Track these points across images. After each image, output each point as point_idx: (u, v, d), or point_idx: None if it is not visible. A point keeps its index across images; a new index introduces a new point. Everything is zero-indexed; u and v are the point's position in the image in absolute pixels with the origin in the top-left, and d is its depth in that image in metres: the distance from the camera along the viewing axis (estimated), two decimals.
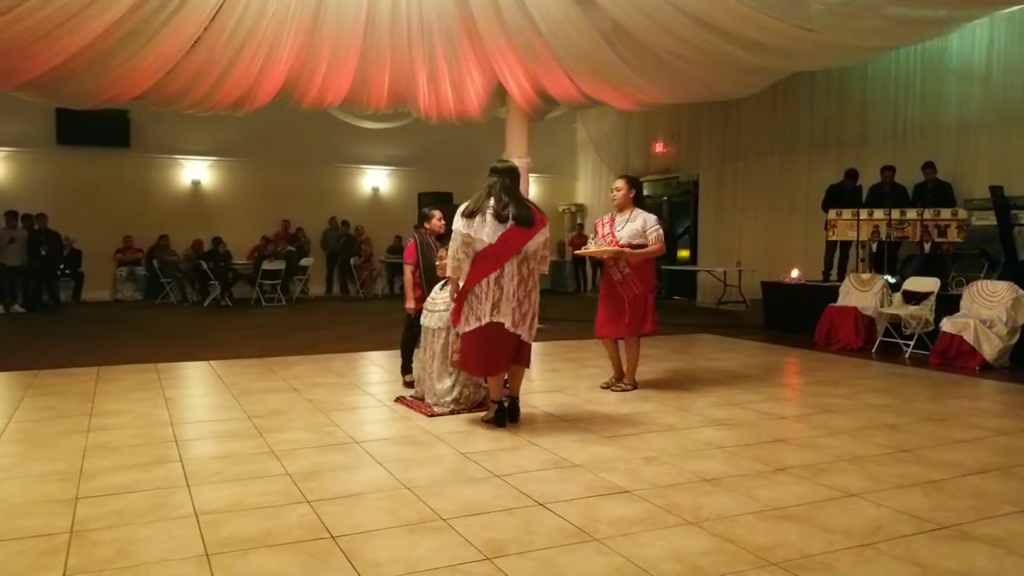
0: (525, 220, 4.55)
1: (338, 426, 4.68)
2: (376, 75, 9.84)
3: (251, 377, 6.31)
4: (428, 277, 5.59)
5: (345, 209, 15.25)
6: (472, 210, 4.48)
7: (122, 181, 13.59)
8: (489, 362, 4.59)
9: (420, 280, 5.65)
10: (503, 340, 4.54)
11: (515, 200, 4.57)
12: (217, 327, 9.80)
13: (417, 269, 5.64)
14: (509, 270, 4.52)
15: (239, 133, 13.88)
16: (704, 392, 5.81)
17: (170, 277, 13.27)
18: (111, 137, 13.34)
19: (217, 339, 8.64)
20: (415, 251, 5.68)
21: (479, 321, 4.50)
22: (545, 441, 4.35)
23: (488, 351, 4.54)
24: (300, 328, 9.74)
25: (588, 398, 5.54)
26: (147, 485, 3.55)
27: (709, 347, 8.38)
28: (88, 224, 13.05)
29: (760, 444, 4.33)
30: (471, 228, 4.46)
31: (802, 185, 11.58)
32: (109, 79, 8.44)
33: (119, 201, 13.52)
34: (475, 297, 4.51)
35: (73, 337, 8.79)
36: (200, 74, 8.81)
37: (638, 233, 5.53)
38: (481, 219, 4.47)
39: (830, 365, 7.24)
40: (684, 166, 14.14)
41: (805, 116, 11.57)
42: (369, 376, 6.58)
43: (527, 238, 4.54)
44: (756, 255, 12.36)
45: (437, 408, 4.97)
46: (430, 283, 5.56)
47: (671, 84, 9.09)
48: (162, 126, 13.45)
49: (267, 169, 14.51)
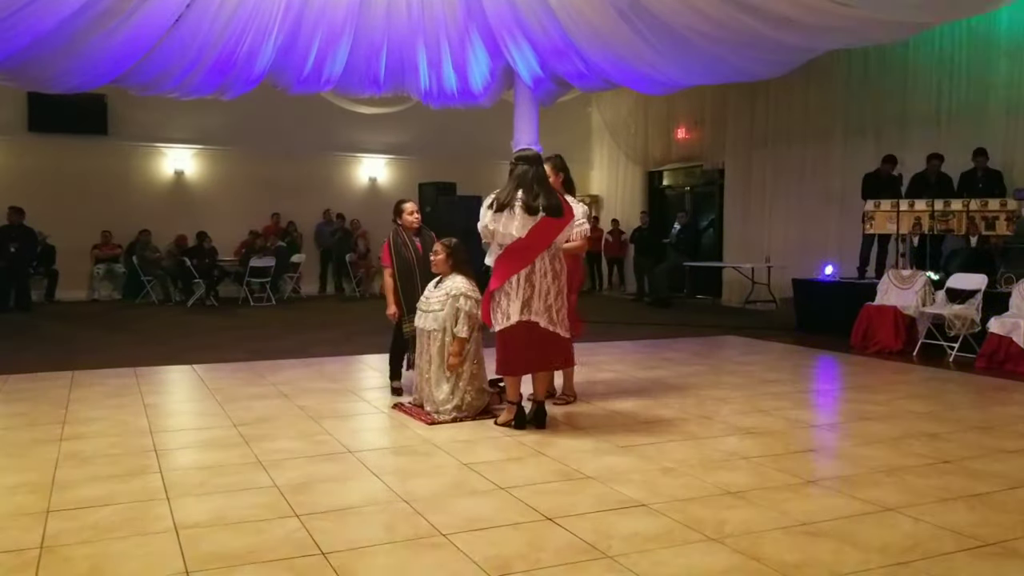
0: (556, 210, 4.63)
1: (331, 435, 4.69)
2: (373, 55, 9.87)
3: (237, 382, 6.32)
4: (405, 278, 5.57)
5: (340, 201, 15.29)
6: (502, 203, 4.53)
7: (99, 171, 13.65)
8: (522, 362, 4.69)
9: (394, 284, 5.60)
10: (535, 340, 4.63)
11: (545, 190, 4.65)
12: (201, 328, 9.84)
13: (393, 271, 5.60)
14: (540, 266, 4.59)
15: (225, 119, 13.92)
16: (729, 398, 5.79)
17: (151, 275, 13.34)
18: (87, 124, 13.40)
19: (201, 341, 8.67)
20: (388, 252, 5.66)
21: (507, 320, 4.60)
22: (554, 451, 4.36)
23: (518, 351, 4.63)
24: (291, 330, 9.77)
25: (601, 404, 5.54)
26: (124, 497, 3.57)
27: (735, 350, 8.36)
28: (62, 218, 13.12)
29: (789, 454, 4.32)
30: (499, 223, 4.53)
31: (837, 173, 11.53)
32: (84, 61, 8.50)
33: (96, 193, 13.59)
34: (504, 295, 4.58)
35: (46, 339, 8.85)
36: (182, 55, 8.85)
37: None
38: (510, 213, 4.54)
39: (867, 369, 7.20)
40: (708, 154, 14.10)
41: (840, 99, 11.53)
42: (365, 381, 6.59)
43: (558, 230, 4.64)
44: (787, 250, 12.32)
45: (437, 416, 4.98)
46: (407, 285, 5.54)
47: (694, 65, 9.08)
48: (142, 112, 13.51)
49: (256, 158, 14.56)
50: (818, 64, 11.03)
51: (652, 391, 6.05)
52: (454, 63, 10.17)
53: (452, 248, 5.11)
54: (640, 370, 7.01)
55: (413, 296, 5.54)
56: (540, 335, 4.63)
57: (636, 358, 7.73)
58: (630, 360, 7.56)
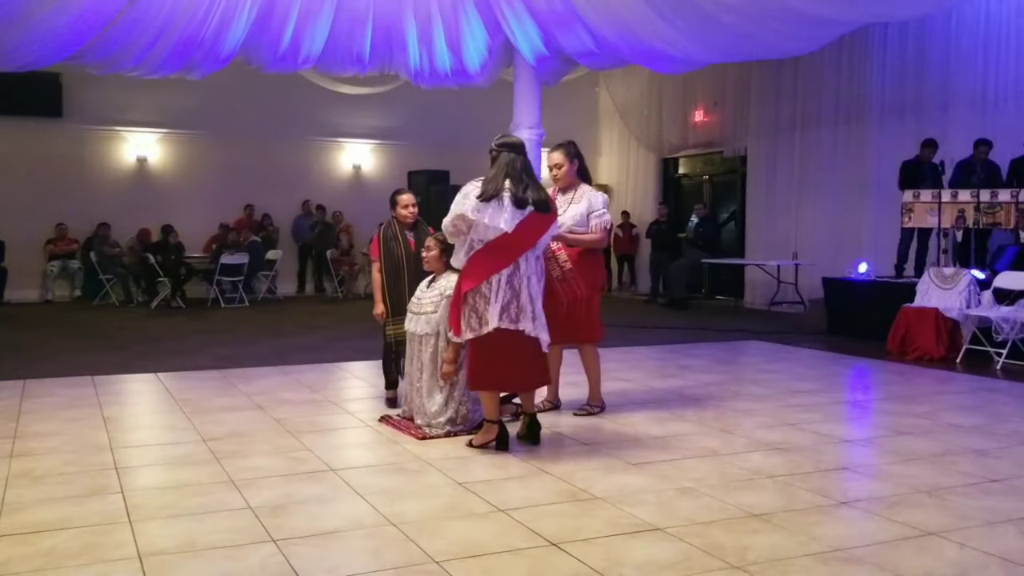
0: (545, 206, 4.63)
1: (311, 451, 4.69)
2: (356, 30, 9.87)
3: (207, 392, 6.32)
4: (391, 276, 5.57)
5: (320, 192, 15.28)
6: (490, 193, 4.47)
7: (53, 158, 13.64)
8: (497, 376, 4.60)
9: (382, 281, 5.62)
10: (518, 350, 4.56)
11: (534, 183, 4.64)
12: (167, 333, 9.84)
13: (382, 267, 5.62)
14: (525, 267, 4.56)
15: (193, 101, 13.92)
16: (753, 410, 5.79)
17: (111, 273, 13.33)
18: (40, 105, 13.37)
19: (167, 347, 8.67)
20: (377, 246, 5.68)
21: (483, 327, 4.49)
22: (559, 468, 4.35)
23: (494, 362, 4.54)
24: (266, 334, 9.77)
25: (611, 417, 5.54)
26: (81, 521, 3.57)
27: (759, 356, 8.36)
28: (12, 210, 13.11)
29: (820, 473, 4.32)
30: (484, 214, 4.45)
31: (872, 160, 11.54)
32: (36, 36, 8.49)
33: (50, 182, 13.58)
34: (480, 298, 4.50)
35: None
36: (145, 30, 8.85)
37: (583, 218, 5.32)
38: (498, 204, 4.48)
39: (905, 378, 7.21)
40: (729, 138, 14.11)
41: (876, 77, 11.52)
42: (348, 391, 6.58)
43: (545, 227, 4.62)
44: (816, 246, 12.32)
45: (429, 430, 4.98)
46: (394, 284, 5.54)
47: (715, 40, 9.07)
48: (101, 92, 13.50)
49: (227, 144, 14.55)
50: (852, 39, 11.04)
51: (668, 402, 6.05)
52: (447, 39, 10.17)
53: (447, 244, 5.10)
54: (654, 379, 7.00)
55: (400, 296, 5.54)
56: (522, 344, 4.55)
57: (650, 366, 7.72)
58: (643, 368, 7.56)
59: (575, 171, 5.46)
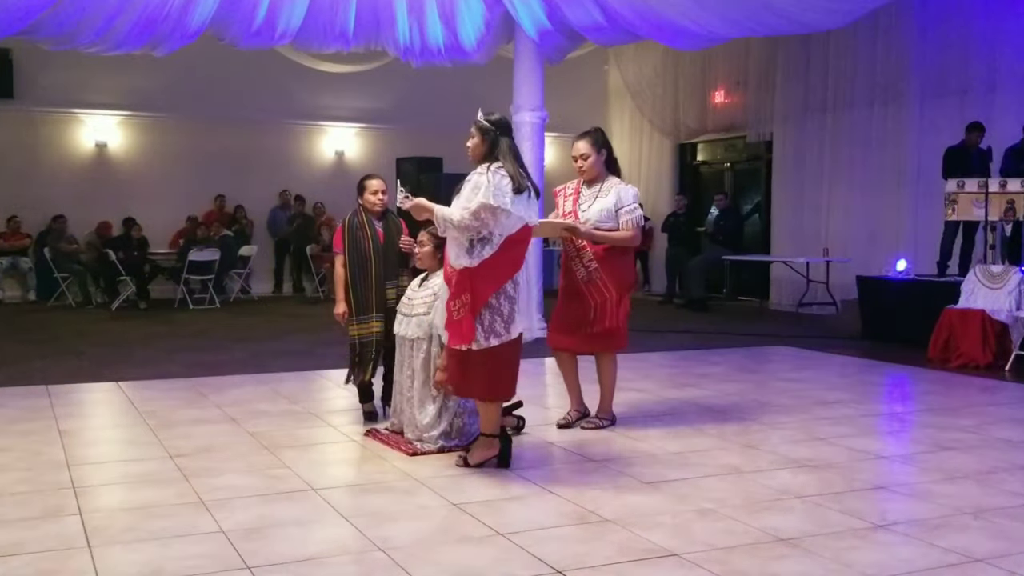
0: (538, 193, 4.73)
1: (289, 468, 4.69)
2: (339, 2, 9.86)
3: (174, 403, 6.33)
4: (356, 270, 5.56)
5: (300, 181, 15.29)
6: (521, 184, 4.50)
7: (2, 144, 13.65)
8: (514, 382, 4.71)
9: (345, 276, 5.61)
10: (520, 353, 4.71)
11: (526, 170, 4.72)
12: (129, 337, 9.84)
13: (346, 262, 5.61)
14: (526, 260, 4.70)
15: (158, 81, 13.92)
16: (779, 423, 5.80)
17: (67, 271, 13.33)
18: None
19: (129, 353, 8.68)
20: (341, 237, 5.66)
21: (508, 333, 4.53)
22: (565, 488, 4.36)
23: (512, 370, 4.66)
24: (239, 339, 9.78)
25: (622, 431, 5.54)
26: (35, 546, 3.57)
27: (786, 363, 8.37)
28: None
29: (853, 492, 4.32)
30: (520, 207, 4.48)
31: (911, 146, 11.54)
32: None
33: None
34: (506, 299, 4.54)
35: None
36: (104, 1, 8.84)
37: (609, 214, 5.32)
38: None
39: (948, 387, 7.21)
40: (753, 122, 14.11)
41: (916, 53, 11.52)
42: (331, 402, 6.59)
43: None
44: (850, 241, 12.33)
45: (420, 445, 4.98)
46: (359, 279, 5.53)
47: (738, 13, 9.07)
48: (56, 71, 13.50)
49: (196, 128, 14.56)
50: (888, 12, 11.03)
51: (685, 414, 6.06)
52: (440, 11, 10.16)
53: (441, 239, 5.10)
54: (670, 388, 7.02)
55: (366, 292, 5.54)
56: (519, 347, 4.69)
57: (665, 374, 7.72)
58: (657, 376, 7.57)
59: (602, 162, 5.46)
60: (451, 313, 4.52)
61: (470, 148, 4.65)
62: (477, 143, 4.63)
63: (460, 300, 4.47)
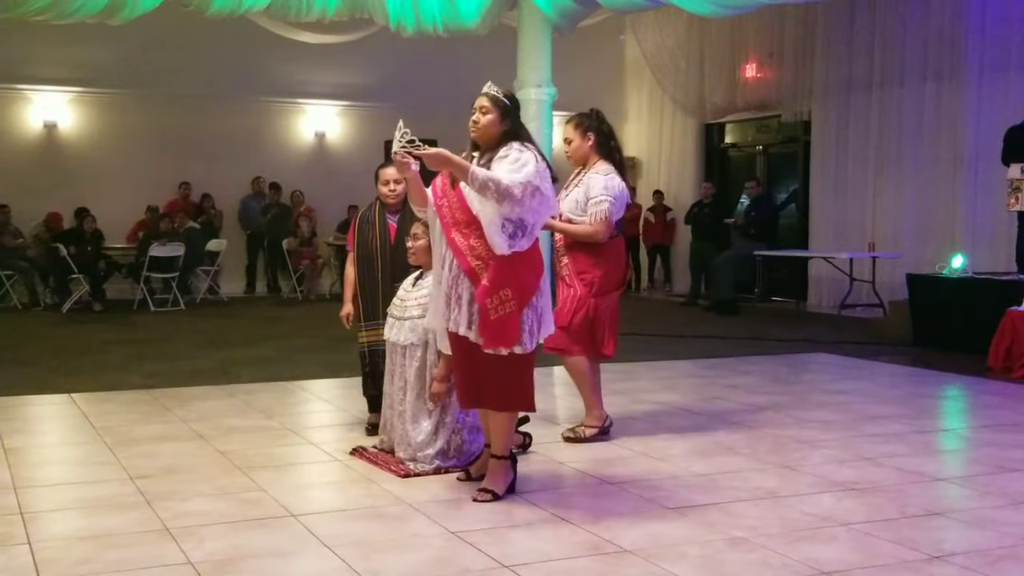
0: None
1: (265, 491, 4.69)
2: None
3: (134, 418, 6.32)
4: (364, 270, 5.59)
5: (275, 166, 15.30)
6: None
7: None
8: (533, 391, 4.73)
9: (355, 277, 5.66)
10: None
11: None
12: (83, 343, 9.84)
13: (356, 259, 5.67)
14: None
15: (115, 53, 13.92)
16: (820, 441, 5.79)
17: (12, 268, 13.32)
18: None
19: (83, 361, 8.67)
20: (352, 232, 5.73)
21: (541, 332, 4.60)
22: (578, 514, 4.35)
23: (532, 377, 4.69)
24: (207, 345, 9.78)
25: (642, 448, 5.54)
26: None
27: (827, 373, 8.36)
28: None
29: (906, 519, 4.31)
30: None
31: (968, 126, 11.53)
32: None
33: None
34: (543, 297, 4.58)
35: None
36: None
37: (578, 205, 5.49)
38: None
39: (1011, 400, 7.19)
40: (789, 99, 14.09)
41: (973, 21, 11.51)
42: (312, 417, 6.59)
43: None
44: (899, 234, 12.32)
45: (414, 465, 4.98)
46: (365, 280, 5.56)
47: None
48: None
49: (157, 107, 14.56)
50: None
51: (713, 429, 6.05)
52: None
53: None
54: (696, 401, 7.00)
55: (372, 296, 5.55)
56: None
57: (690, 384, 7.71)
58: (682, 387, 7.56)
59: (590, 148, 5.55)
60: (486, 312, 4.36)
61: (481, 126, 4.51)
62: (493, 120, 4.50)
63: (499, 295, 4.34)
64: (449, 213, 4.45)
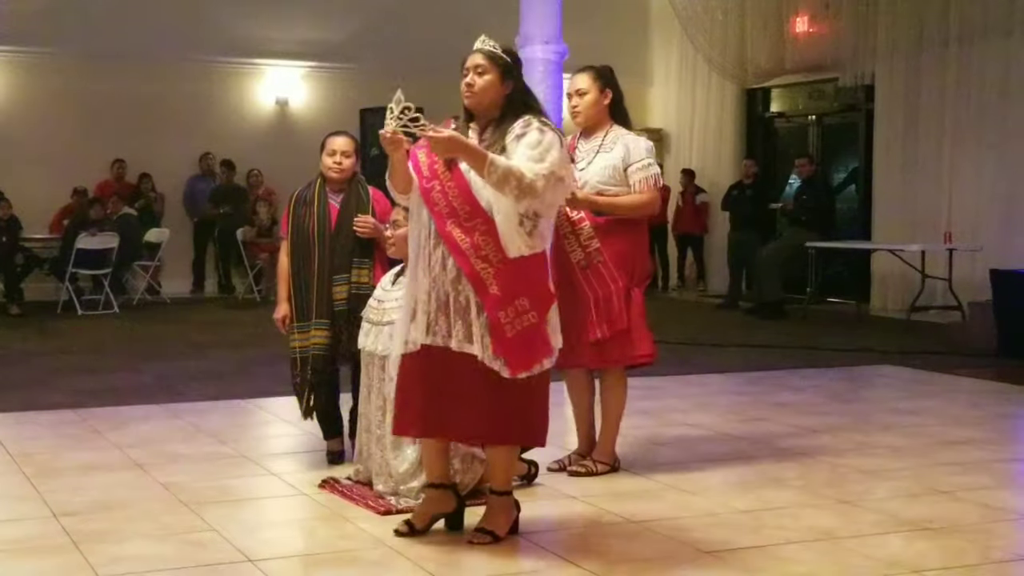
0: None
1: (217, 531, 4.67)
2: None
3: (59, 443, 6.31)
4: (299, 261, 5.59)
5: (228, 141, 15.31)
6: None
7: None
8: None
9: (288, 269, 5.66)
10: None
11: None
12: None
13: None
14: None
15: (33, 4, 13.93)
16: (886, 470, 5.79)
17: None
18: None
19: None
20: (287, 215, 5.71)
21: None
22: (594, 560, 4.34)
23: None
24: (146, 355, 9.79)
25: (671, 480, 5.53)
26: None
27: (894, 388, 8.38)
28: None
29: (990, 565, 4.32)
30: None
31: None
32: None
33: None
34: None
35: None
36: None
37: (614, 173, 5.37)
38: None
39: None
40: (848, 59, 14.10)
41: None
42: (272, 442, 6.60)
43: None
44: (981, 222, 12.34)
45: (396, 500, 4.98)
46: (299, 273, 5.57)
47: None
48: None
49: (85, 69, 14.55)
50: None
51: (756, 458, 6.05)
52: None
53: None
54: (736, 422, 7.01)
55: (306, 292, 5.55)
56: None
57: (729, 403, 7.72)
58: (719, 406, 7.57)
59: (605, 107, 5.49)
60: (502, 328, 4.20)
61: (477, 89, 4.38)
62: (492, 81, 4.37)
63: (515, 306, 4.21)
64: (443, 200, 4.28)
